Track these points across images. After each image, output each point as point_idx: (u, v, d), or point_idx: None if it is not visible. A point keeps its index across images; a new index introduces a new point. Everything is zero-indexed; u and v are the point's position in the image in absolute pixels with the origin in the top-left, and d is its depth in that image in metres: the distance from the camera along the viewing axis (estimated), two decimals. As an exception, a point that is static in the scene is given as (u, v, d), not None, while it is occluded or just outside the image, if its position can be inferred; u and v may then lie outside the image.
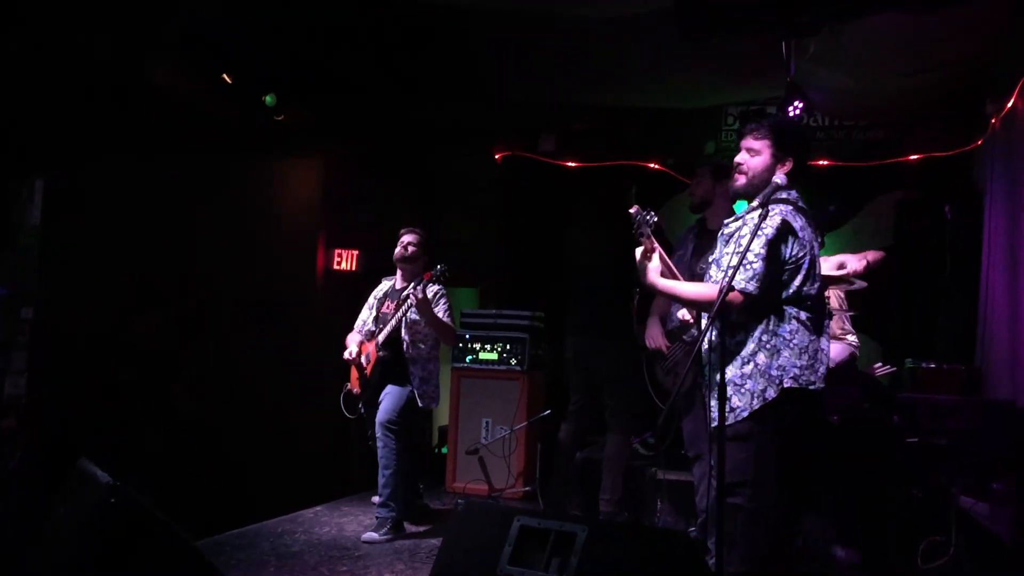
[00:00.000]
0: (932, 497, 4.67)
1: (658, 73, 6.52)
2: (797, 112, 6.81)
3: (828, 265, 5.97)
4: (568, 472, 5.80)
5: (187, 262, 7.58)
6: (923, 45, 5.21)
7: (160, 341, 7.60)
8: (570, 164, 8.10)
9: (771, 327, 3.38)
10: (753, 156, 3.52)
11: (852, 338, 6.03)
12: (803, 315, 3.40)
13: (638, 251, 3.54)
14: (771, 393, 3.33)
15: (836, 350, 5.77)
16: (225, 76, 6.56)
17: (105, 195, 7.40)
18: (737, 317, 3.37)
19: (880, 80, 5.93)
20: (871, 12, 4.57)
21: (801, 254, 3.38)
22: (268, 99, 6.85)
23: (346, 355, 5.58)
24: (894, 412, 5.15)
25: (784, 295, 3.40)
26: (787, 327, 3.37)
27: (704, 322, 3.54)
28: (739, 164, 3.55)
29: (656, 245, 3.57)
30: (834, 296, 5.88)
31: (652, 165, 7.87)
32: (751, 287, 3.31)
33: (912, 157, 7.07)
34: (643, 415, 5.57)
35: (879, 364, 5.90)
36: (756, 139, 3.52)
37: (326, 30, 6.10)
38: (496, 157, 8.33)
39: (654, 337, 5.01)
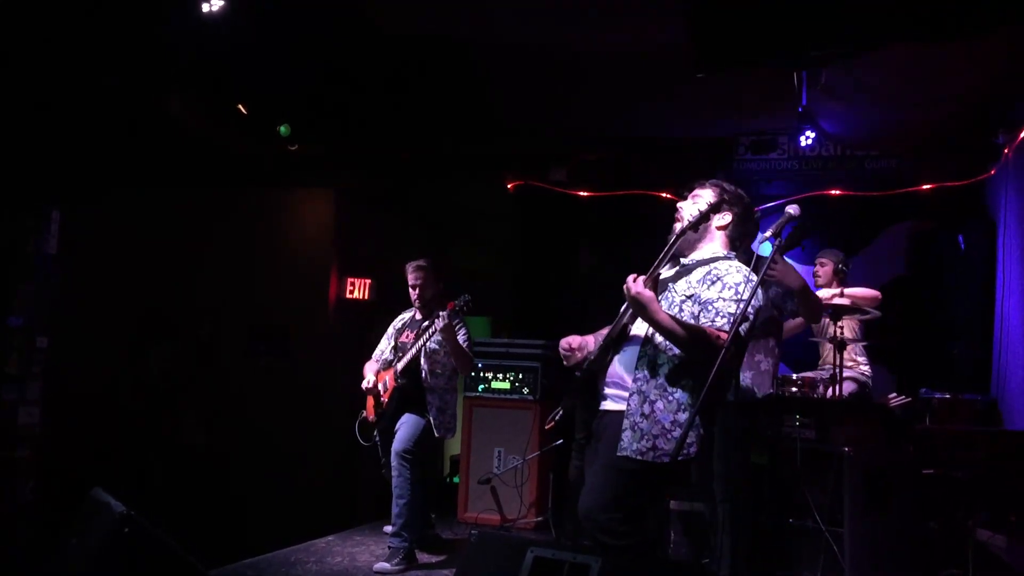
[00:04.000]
0: (949, 529, 4.62)
1: (669, 104, 6.57)
2: (810, 141, 6.83)
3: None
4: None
5: (199, 292, 7.64)
6: (935, 77, 5.23)
7: (171, 372, 7.63)
8: (582, 193, 8.13)
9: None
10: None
11: (865, 368, 6.01)
12: None
13: (640, 279, 3.07)
14: (693, 450, 3.17)
15: (846, 384, 5.75)
16: (240, 107, 6.62)
17: (118, 226, 7.48)
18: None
19: (892, 111, 5.95)
20: (882, 45, 4.59)
21: None
22: (283, 129, 6.91)
23: (364, 384, 5.58)
24: (909, 443, 5.11)
25: None
26: None
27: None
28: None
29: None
30: (847, 327, 5.87)
31: (664, 195, 7.89)
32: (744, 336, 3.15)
33: (925, 187, 7.06)
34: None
35: (893, 395, 5.87)
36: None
37: (339, 63, 6.16)
38: (508, 186, 8.37)
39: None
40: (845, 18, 4.27)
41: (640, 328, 3.26)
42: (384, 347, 5.78)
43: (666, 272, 3.38)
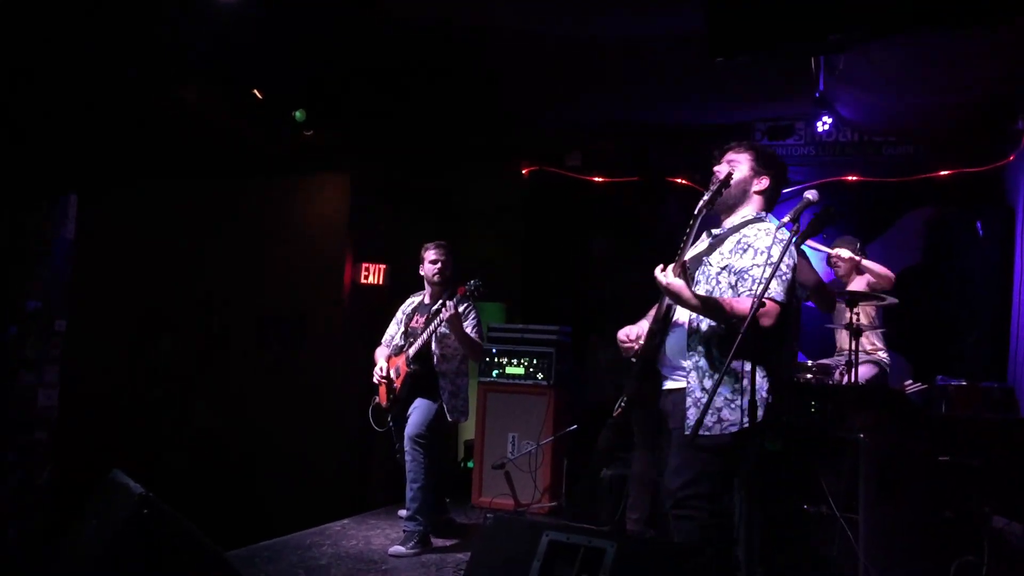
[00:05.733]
0: (964, 517, 4.61)
1: (685, 90, 6.53)
2: (827, 127, 6.78)
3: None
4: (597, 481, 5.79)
5: (213, 280, 7.67)
6: (954, 62, 5.18)
7: (185, 357, 7.68)
8: (597, 179, 8.10)
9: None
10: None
11: (883, 355, 5.99)
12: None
13: (669, 269, 3.20)
14: (760, 414, 3.17)
15: (866, 368, 5.73)
16: (256, 92, 6.62)
17: (131, 214, 7.52)
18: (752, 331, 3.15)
19: (910, 96, 5.90)
20: (902, 32, 4.55)
21: None
22: (298, 114, 6.90)
23: (377, 374, 5.58)
24: (924, 430, 5.09)
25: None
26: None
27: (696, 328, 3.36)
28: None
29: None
30: (864, 313, 5.84)
31: (680, 181, 7.86)
32: (785, 298, 3.26)
33: (943, 173, 7.01)
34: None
35: (909, 381, 5.84)
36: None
37: (352, 51, 6.15)
38: (523, 172, 8.35)
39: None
40: (863, 3, 4.23)
41: (683, 310, 3.36)
42: (394, 332, 5.79)
43: (700, 246, 3.51)
